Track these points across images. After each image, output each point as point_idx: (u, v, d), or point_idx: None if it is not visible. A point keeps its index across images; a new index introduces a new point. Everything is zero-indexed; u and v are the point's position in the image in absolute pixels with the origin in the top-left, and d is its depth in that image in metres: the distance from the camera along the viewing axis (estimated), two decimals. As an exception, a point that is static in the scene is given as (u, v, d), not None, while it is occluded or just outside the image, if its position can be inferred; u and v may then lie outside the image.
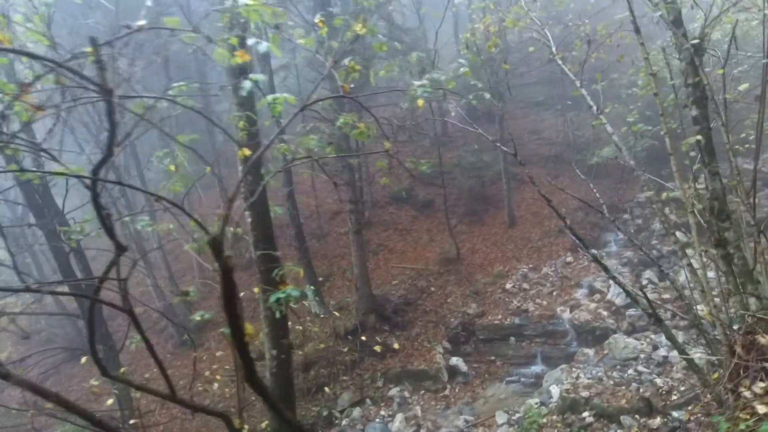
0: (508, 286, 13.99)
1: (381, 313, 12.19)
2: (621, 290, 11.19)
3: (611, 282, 11.98)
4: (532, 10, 5.55)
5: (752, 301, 3.84)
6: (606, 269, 4.62)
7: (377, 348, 10.89)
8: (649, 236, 14.74)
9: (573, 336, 11.07)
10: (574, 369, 9.33)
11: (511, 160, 20.45)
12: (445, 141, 23.33)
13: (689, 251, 5.23)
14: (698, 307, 4.67)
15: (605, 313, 10.98)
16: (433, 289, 14.23)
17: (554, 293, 13.16)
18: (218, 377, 12.00)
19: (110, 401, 8.80)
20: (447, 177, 21.83)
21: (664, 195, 5.05)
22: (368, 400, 10.38)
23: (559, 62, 5.07)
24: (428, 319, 12.76)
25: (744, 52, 5.36)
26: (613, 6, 7.44)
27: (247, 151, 3.49)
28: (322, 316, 12.19)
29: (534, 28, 5.46)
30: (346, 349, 10.91)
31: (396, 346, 11.35)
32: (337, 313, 11.85)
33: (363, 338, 10.84)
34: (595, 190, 5.59)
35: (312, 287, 12.34)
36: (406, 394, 10.52)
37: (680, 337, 9.29)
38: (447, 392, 10.63)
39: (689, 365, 4.72)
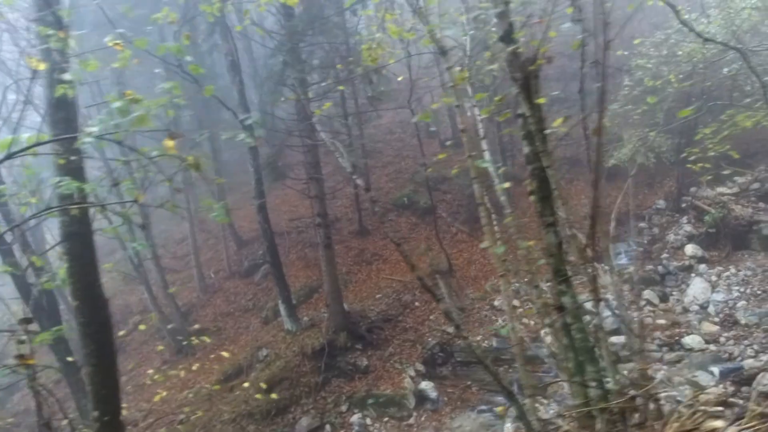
0: (497, 302, 13.10)
1: (354, 331, 11.77)
2: (608, 313, 10.11)
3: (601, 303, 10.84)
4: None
5: (592, 386, 3.08)
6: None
7: (346, 369, 10.50)
8: (662, 249, 13.25)
9: (553, 363, 10.08)
10: (538, 404, 8.44)
11: (516, 164, 19.30)
12: (458, 142, 22.46)
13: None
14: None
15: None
16: (417, 304, 13.60)
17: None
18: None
19: None
20: (451, 182, 21.02)
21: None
22: (328, 426, 10.02)
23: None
24: (406, 338, 12.18)
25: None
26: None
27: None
28: (295, 333, 11.96)
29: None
30: (309, 370, 10.59)
31: (365, 366, 10.90)
32: (307, 332, 11.56)
33: (326, 360, 10.48)
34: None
35: (284, 304, 12.17)
36: (368, 421, 10.05)
37: (663, 372, 8.15)
38: (412, 420, 10.04)
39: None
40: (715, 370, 7.48)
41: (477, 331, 12.15)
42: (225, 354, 11.26)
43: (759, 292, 9.48)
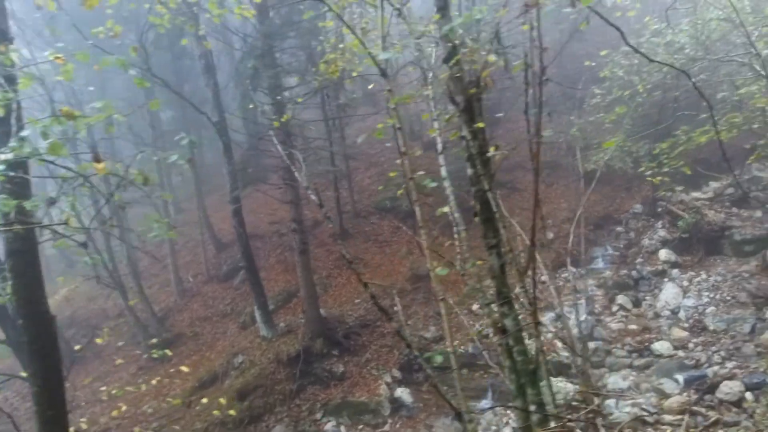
0: (475, 306, 13.11)
1: (331, 337, 11.69)
2: (582, 318, 10.20)
3: (575, 309, 10.93)
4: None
5: (533, 410, 3.06)
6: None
7: (322, 376, 10.42)
8: (637, 253, 13.40)
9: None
10: (508, 411, 8.49)
11: (504, 167, 19.39)
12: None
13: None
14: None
15: (561, 344, 9.96)
16: (396, 308, 13.54)
17: (521, 317, 12.17)
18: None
19: None
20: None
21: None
22: (302, 434, 9.93)
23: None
24: (383, 344, 12.14)
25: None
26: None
27: None
28: (271, 339, 11.84)
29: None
30: (284, 377, 10.49)
31: (341, 373, 10.84)
32: (283, 338, 11.45)
33: (301, 367, 10.40)
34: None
35: (259, 310, 12.05)
36: (343, 429, 9.99)
37: (631, 378, 8.22)
38: (387, 427, 10.01)
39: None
40: (680, 377, 7.56)
41: (454, 335, 12.14)
42: (184, 368, 11.10)
43: (728, 298, 9.63)
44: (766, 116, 7.61)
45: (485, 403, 10.14)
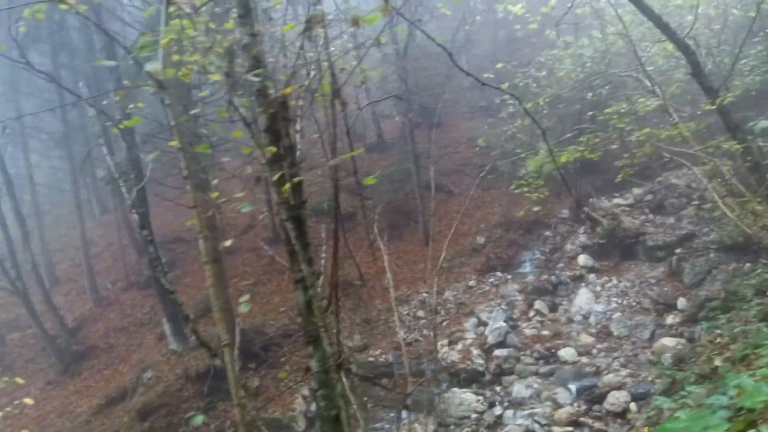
0: (403, 313, 12.97)
1: (247, 349, 11.14)
2: (498, 325, 10.22)
3: (494, 314, 10.99)
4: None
5: None
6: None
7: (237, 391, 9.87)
8: (559, 258, 13.71)
9: (444, 378, 10.05)
10: (415, 425, 8.34)
11: (438, 170, 19.41)
12: (382, 147, 22.31)
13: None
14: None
15: (476, 352, 9.94)
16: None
17: (445, 323, 12.15)
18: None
19: None
20: (374, 188, 20.78)
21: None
22: (208, 455, 9.38)
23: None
24: (305, 354, 11.71)
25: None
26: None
27: None
28: (181, 353, 11.16)
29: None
30: (192, 395, 9.88)
31: (256, 387, 10.35)
32: (194, 352, 10.81)
33: (212, 383, 9.80)
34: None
35: (168, 322, 11.34)
36: (253, 446, 9.49)
37: (535, 387, 8.26)
38: (300, 444, 9.63)
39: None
40: (573, 387, 7.66)
41: (379, 344, 11.95)
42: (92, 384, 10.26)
43: (633, 304, 9.94)
44: (623, 137, 7.94)
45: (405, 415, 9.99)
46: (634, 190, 15.19)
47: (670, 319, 8.62)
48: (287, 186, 2.71)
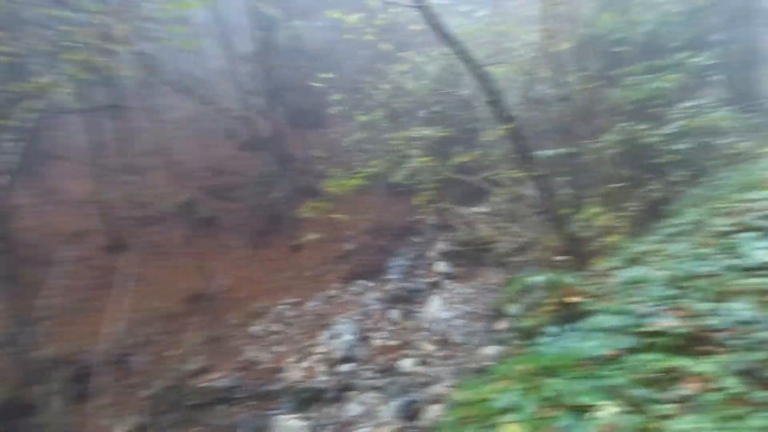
0: (256, 328, 12.01)
1: (54, 381, 9.27)
2: (346, 337, 9.78)
3: (346, 325, 10.59)
4: None
5: None
6: None
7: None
8: (420, 264, 13.88)
9: (286, 399, 9.32)
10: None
11: (310, 173, 18.78)
12: (256, 146, 21.03)
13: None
14: None
15: (322, 368, 9.40)
16: (161, 337, 11.66)
17: (300, 337, 11.45)
18: None
19: None
20: (242, 190, 19.47)
21: None
22: None
23: None
24: (130, 382, 10.17)
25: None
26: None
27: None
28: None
29: None
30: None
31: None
32: None
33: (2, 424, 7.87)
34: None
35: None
36: (42, 503, 7.81)
37: (369, 402, 7.95)
38: (106, 492, 8.14)
39: None
40: (394, 403, 7.50)
41: (222, 365, 10.81)
42: None
43: (474, 311, 10.22)
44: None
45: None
46: (492, 198, 16.09)
47: (498, 326, 8.95)
48: None
